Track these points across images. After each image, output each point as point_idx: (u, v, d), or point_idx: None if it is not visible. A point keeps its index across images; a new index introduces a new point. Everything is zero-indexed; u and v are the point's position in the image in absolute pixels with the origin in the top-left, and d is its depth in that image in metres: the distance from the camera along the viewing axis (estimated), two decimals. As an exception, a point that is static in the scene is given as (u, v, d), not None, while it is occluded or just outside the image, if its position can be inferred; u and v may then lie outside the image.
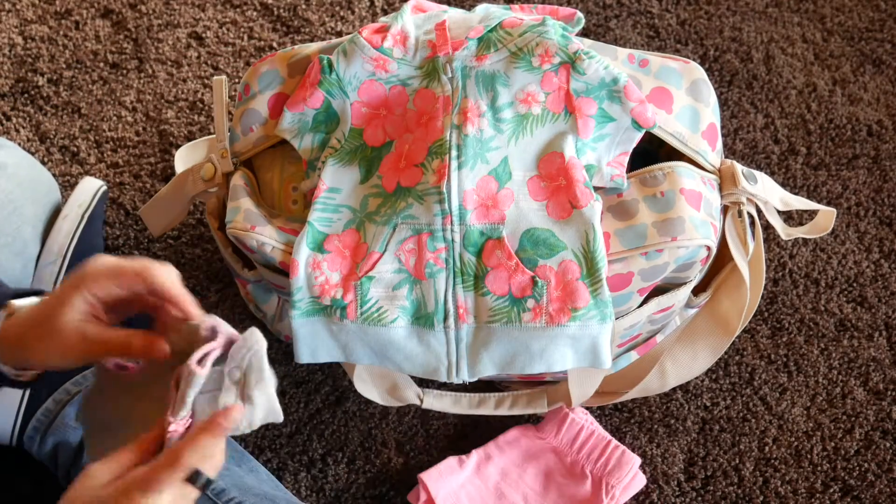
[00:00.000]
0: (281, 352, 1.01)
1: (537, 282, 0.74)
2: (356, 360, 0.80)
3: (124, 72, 1.18)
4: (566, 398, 0.90)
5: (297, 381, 1.00)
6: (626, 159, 0.78)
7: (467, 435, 0.97)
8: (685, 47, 1.21)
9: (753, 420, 0.98)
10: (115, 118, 1.15)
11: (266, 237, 0.78)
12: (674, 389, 0.99)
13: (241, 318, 1.03)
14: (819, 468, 0.96)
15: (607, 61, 0.76)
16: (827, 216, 0.86)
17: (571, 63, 0.76)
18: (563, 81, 0.76)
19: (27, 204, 0.92)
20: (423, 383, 0.98)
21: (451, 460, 0.93)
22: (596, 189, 0.77)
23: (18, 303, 0.65)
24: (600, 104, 0.76)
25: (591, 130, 0.76)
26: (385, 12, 1.24)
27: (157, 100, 1.16)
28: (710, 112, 0.80)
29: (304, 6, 1.23)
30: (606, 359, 0.76)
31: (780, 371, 1.01)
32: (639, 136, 0.77)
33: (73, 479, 0.81)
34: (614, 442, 0.92)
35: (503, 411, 0.94)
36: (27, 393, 0.86)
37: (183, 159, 1.02)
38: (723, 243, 0.82)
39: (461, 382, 0.80)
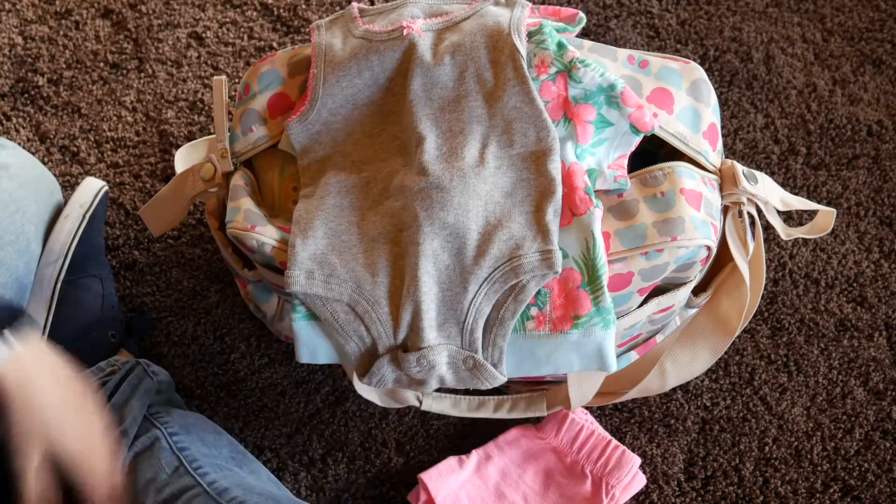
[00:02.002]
0: (281, 352, 1.01)
1: (540, 290, 0.74)
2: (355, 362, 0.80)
3: (124, 72, 1.18)
4: (566, 401, 0.90)
5: (297, 381, 1.00)
6: (626, 161, 0.78)
7: (467, 435, 0.97)
8: (685, 47, 1.21)
9: (753, 420, 0.98)
10: (115, 118, 1.15)
11: (266, 237, 0.78)
12: (674, 389, 0.99)
13: (242, 318, 1.03)
14: (819, 468, 0.96)
15: (603, 68, 0.76)
16: (827, 216, 0.86)
17: (567, 72, 0.76)
18: (561, 89, 0.76)
19: (30, 203, 0.92)
20: (424, 383, 0.98)
21: (451, 460, 0.93)
22: (599, 192, 0.77)
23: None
24: (599, 109, 0.76)
25: (591, 136, 0.76)
26: (385, 12, 1.24)
27: (157, 100, 1.16)
28: (711, 112, 0.80)
29: (304, 6, 1.23)
30: (612, 362, 0.76)
31: (780, 371, 1.01)
32: (637, 139, 0.77)
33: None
34: (614, 442, 0.92)
35: (502, 414, 0.94)
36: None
37: (183, 159, 1.02)
38: (723, 243, 0.82)
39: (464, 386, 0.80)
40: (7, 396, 0.65)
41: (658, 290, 0.82)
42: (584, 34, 1.20)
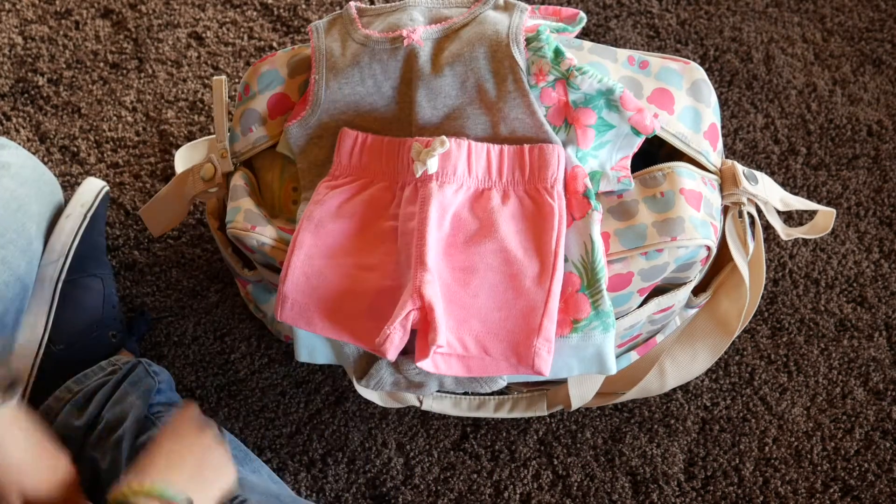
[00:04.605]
0: (281, 352, 1.01)
1: None
2: (354, 364, 0.80)
3: (124, 72, 1.18)
4: (566, 401, 0.90)
5: (297, 381, 1.00)
6: (629, 162, 0.78)
7: (468, 435, 0.97)
8: (685, 47, 1.21)
9: (753, 420, 0.98)
10: (115, 118, 1.15)
11: (266, 237, 0.78)
12: (674, 389, 0.99)
13: (242, 318, 1.03)
14: (819, 468, 0.96)
15: (601, 73, 0.76)
16: (827, 216, 0.86)
17: (565, 79, 0.76)
18: (561, 94, 0.76)
19: (32, 202, 0.92)
20: (424, 383, 0.98)
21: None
22: (598, 194, 0.77)
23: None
24: (599, 113, 0.76)
25: (591, 140, 0.76)
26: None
27: (157, 100, 1.16)
28: (711, 112, 0.80)
29: (304, 6, 1.23)
30: (612, 365, 0.76)
31: (780, 371, 1.01)
32: (640, 140, 0.77)
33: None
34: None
35: (502, 414, 0.94)
36: (28, 391, 0.86)
37: (183, 159, 1.02)
38: (723, 243, 0.82)
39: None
40: None
41: (658, 291, 0.82)
42: (584, 34, 1.20)
